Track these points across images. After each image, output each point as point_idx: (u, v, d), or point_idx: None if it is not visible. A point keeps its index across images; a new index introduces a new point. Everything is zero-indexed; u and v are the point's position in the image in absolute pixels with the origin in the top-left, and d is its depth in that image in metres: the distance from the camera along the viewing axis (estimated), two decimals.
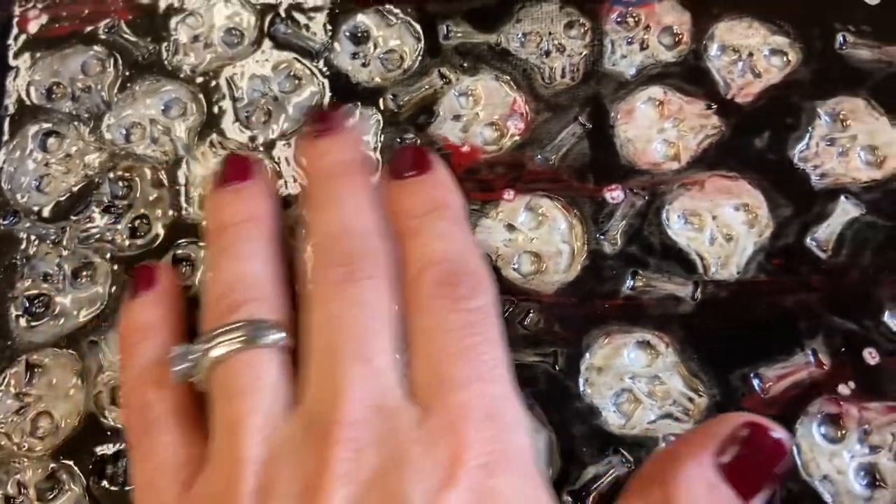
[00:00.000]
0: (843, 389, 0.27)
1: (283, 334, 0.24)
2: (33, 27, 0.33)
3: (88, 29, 0.33)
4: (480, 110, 0.31)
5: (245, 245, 0.26)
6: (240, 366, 0.23)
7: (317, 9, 0.33)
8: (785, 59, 0.31)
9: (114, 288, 0.29)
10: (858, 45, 0.31)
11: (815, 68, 0.31)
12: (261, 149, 0.31)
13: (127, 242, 0.30)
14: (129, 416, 0.25)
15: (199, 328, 0.25)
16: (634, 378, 0.28)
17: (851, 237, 0.29)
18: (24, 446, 0.28)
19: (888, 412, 0.27)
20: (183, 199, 0.31)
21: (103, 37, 0.33)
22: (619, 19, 0.32)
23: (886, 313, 0.28)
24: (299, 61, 0.32)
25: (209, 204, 0.29)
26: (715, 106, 0.31)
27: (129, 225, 0.30)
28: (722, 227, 0.29)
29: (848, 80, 0.30)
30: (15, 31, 0.32)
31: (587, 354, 0.28)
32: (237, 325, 0.24)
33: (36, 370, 0.28)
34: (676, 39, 0.32)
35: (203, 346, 0.24)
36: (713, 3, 0.32)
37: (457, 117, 0.31)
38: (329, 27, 0.33)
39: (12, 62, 0.32)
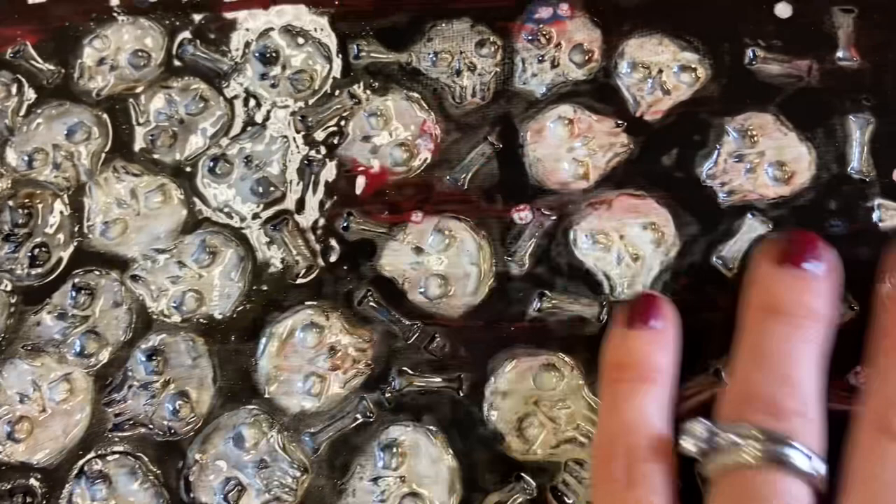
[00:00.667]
0: None
1: (824, 471, 0.22)
2: None
3: None
4: (390, 131, 0.31)
5: (803, 349, 0.24)
6: (771, 485, 0.22)
7: (225, 29, 0.32)
8: (694, 75, 0.31)
9: (10, 319, 0.29)
10: (768, 59, 0.31)
11: (724, 84, 0.30)
12: (165, 173, 0.31)
13: (26, 272, 0.29)
14: (611, 463, 0.24)
15: (722, 401, 0.24)
16: (538, 402, 0.27)
17: None
18: None
19: None
20: (84, 226, 0.30)
21: (9, 61, 0.32)
22: (530, 37, 0.32)
23: None
24: (207, 83, 0.32)
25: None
26: (624, 124, 0.30)
27: (29, 253, 0.30)
28: (629, 247, 0.29)
29: (757, 96, 0.30)
30: None
31: (492, 379, 0.28)
32: (780, 436, 0.22)
33: None
34: (587, 57, 0.31)
35: (732, 437, 0.22)
36: (624, 20, 0.32)
37: (366, 138, 0.31)
38: (238, 48, 0.32)
39: None
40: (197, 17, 0.32)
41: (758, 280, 0.26)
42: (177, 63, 0.32)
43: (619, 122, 0.30)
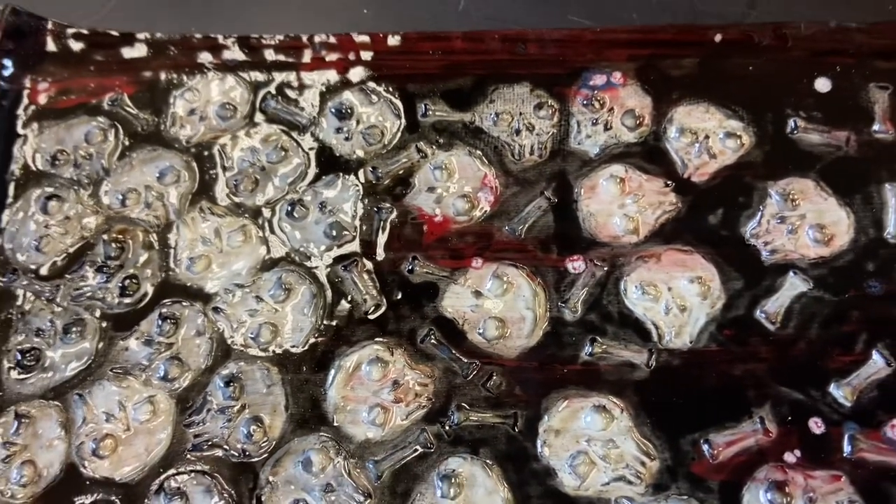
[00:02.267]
0: (790, 457, 0.28)
1: None
2: (42, 99, 0.35)
3: (93, 101, 0.35)
4: (454, 183, 0.34)
5: None
6: None
7: (304, 86, 0.35)
8: (739, 141, 0.33)
9: (101, 344, 0.31)
10: (809, 129, 0.33)
11: (768, 151, 0.33)
12: (246, 215, 0.33)
13: (116, 301, 0.32)
14: None
15: None
16: (590, 441, 0.29)
17: (799, 311, 0.30)
18: (6, 493, 0.29)
19: (833, 481, 0.28)
20: (171, 260, 0.33)
21: (107, 109, 0.35)
22: (585, 102, 0.34)
23: (832, 384, 0.29)
24: (287, 134, 0.35)
25: None
26: (672, 184, 0.33)
27: (120, 284, 0.32)
28: (677, 298, 0.31)
29: (798, 163, 0.32)
30: (25, 102, 0.35)
31: (546, 417, 0.29)
32: None
33: (23, 420, 0.30)
34: (638, 122, 0.34)
35: None
36: (673, 88, 0.34)
37: (431, 189, 0.34)
38: (315, 104, 0.35)
39: (21, 130, 0.35)
40: (279, 76, 0.35)
41: None
42: (260, 115, 0.35)
43: (668, 182, 0.33)
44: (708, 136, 0.33)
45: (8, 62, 0.35)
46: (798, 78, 0.34)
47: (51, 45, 0.36)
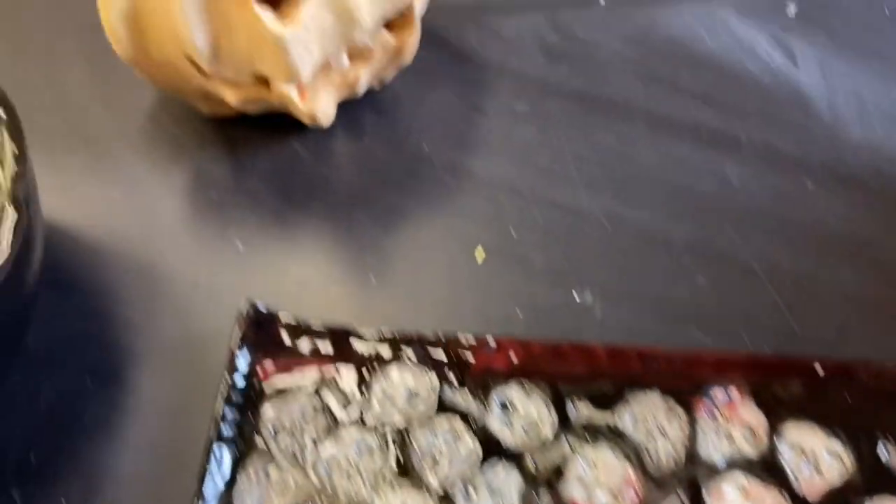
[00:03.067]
0: None
1: None
2: (269, 378, 0.44)
3: (309, 383, 0.44)
4: (600, 477, 0.41)
5: None
6: None
7: (476, 381, 0.44)
8: (842, 462, 0.40)
9: None
10: None
11: (865, 473, 0.39)
12: (426, 489, 0.41)
13: None
14: None
15: None
16: None
17: None
18: None
19: None
20: None
21: (319, 390, 0.44)
22: (708, 413, 0.42)
23: None
24: (460, 422, 0.43)
25: None
26: (788, 496, 0.39)
27: None
28: None
29: (890, 485, 0.39)
30: (255, 380, 0.44)
31: None
32: None
33: None
34: (755, 435, 0.41)
35: None
36: (782, 407, 0.42)
37: (580, 480, 0.41)
38: (484, 396, 0.43)
39: (252, 404, 0.43)
40: (455, 371, 0.44)
41: None
42: (439, 404, 0.43)
43: (784, 493, 0.39)
44: (816, 455, 0.40)
45: (245, 347, 0.45)
46: (888, 408, 0.41)
47: (280, 334, 0.45)
